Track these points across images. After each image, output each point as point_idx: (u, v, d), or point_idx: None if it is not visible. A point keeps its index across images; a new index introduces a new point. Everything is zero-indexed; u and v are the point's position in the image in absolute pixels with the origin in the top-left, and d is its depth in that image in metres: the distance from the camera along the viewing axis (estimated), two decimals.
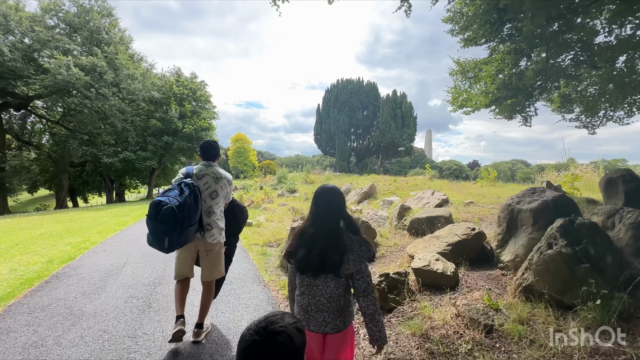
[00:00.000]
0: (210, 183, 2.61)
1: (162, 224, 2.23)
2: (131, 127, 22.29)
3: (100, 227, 9.00)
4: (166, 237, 2.27)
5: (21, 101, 22.39)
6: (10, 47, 18.06)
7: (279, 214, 11.00)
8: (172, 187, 2.45)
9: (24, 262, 5.09)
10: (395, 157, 30.07)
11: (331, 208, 1.54)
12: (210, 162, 2.72)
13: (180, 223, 2.26)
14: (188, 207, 2.31)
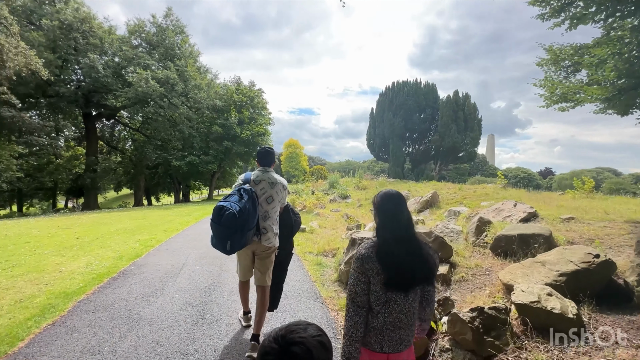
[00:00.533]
0: (266, 188, 2.68)
1: (224, 228, 2.35)
2: (196, 133, 24.17)
3: (166, 225, 9.58)
4: (228, 240, 2.39)
5: (110, 112, 25.85)
6: (103, 65, 20.90)
7: (332, 220, 10.58)
8: (233, 193, 2.54)
9: (99, 257, 5.44)
10: (455, 163, 27.73)
11: (405, 215, 1.43)
12: (266, 168, 2.79)
13: (240, 227, 2.36)
14: (247, 212, 2.39)
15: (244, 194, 2.50)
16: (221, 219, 2.33)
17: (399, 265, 1.34)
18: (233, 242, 2.41)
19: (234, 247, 2.45)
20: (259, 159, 2.84)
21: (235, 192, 2.54)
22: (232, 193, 2.56)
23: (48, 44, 19.51)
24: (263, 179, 2.71)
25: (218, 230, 2.41)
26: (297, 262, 5.40)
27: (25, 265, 4.97)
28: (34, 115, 20.37)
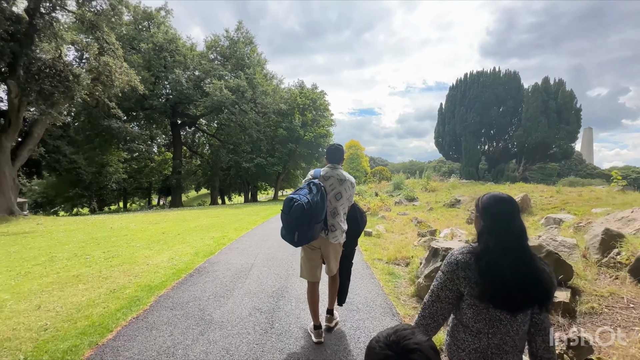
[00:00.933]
0: (335, 185, 2.72)
1: (293, 219, 2.41)
2: (263, 136, 25.54)
3: (236, 224, 10.09)
4: (296, 231, 2.45)
5: (192, 120, 29.03)
6: (186, 79, 23.50)
7: (400, 224, 9.85)
8: (303, 187, 2.60)
9: (179, 252, 5.83)
10: (544, 162, 23.83)
11: (517, 222, 1.21)
12: (335, 165, 2.83)
13: (308, 219, 2.40)
14: (315, 205, 2.43)
15: (313, 187, 2.54)
16: (290, 210, 2.41)
17: (505, 279, 1.16)
18: (301, 234, 2.46)
19: (302, 239, 2.48)
20: (329, 156, 2.88)
21: (305, 186, 2.60)
22: (302, 187, 2.61)
23: (144, 64, 22.76)
24: (332, 175, 2.74)
25: (287, 220, 2.48)
26: (366, 269, 4.98)
27: (121, 256, 5.57)
28: (134, 125, 23.96)
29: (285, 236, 2.57)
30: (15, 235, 8.21)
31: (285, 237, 2.57)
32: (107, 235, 7.98)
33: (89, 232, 8.53)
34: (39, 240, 7.33)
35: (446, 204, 12.79)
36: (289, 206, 2.44)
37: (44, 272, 4.63)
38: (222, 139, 29.31)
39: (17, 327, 2.84)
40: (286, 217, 2.47)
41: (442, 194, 15.89)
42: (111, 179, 29.15)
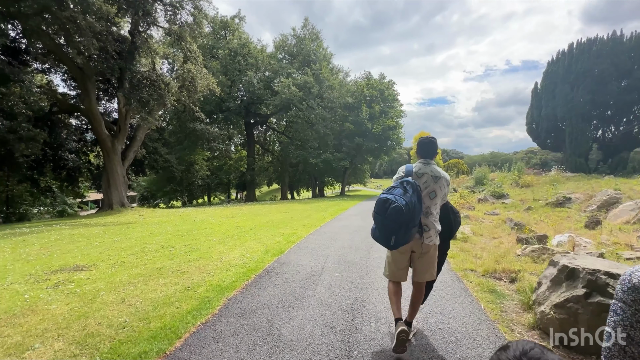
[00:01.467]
0: (429, 182, 2.53)
1: (390, 222, 2.26)
2: (330, 131, 25.39)
3: (305, 220, 9.94)
4: (393, 235, 2.31)
5: (263, 119, 30.61)
6: (257, 80, 24.70)
7: (489, 226, 8.41)
8: (395, 186, 2.42)
9: (250, 249, 5.79)
10: None
11: None
12: (428, 160, 2.62)
13: (406, 223, 2.26)
14: (413, 207, 2.27)
15: (408, 187, 2.35)
16: (386, 212, 2.26)
17: None
18: (398, 238, 2.32)
19: (398, 242, 2.35)
20: (421, 150, 2.66)
21: (398, 184, 2.41)
22: (394, 185, 2.44)
23: (222, 70, 24.69)
24: (426, 172, 2.54)
25: (383, 223, 2.33)
26: (456, 282, 4.11)
27: (199, 250, 5.77)
28: (215, 127, 26.27)
29: (379, 239, 2.44)
30: (120, 226, 9.50)
31: (379, 239, 2.44)
32: (190, 228, 8.60)
33: (175, 225, 9.36)
34: (137, 231, 8.27)
35: (550, 202, 10.56)
36: (383, 208, 2.28)
37: (134, 262, 5.00)
38: (290, 135, 30.23)
39: (101, 322, 2.91)
40: (381, 219, 2.32)
41: (542, 190, 13.31)
42: (197, 176, 32.87)
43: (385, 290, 3.43)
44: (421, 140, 2.67)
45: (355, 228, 8.32)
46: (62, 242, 6.97)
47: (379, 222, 2.36)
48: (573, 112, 18.45)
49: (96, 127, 14.93)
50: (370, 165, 37.56)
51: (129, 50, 14.19)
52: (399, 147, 28.58)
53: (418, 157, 2.68)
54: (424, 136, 2.76)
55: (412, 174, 2.50)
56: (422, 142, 2.65)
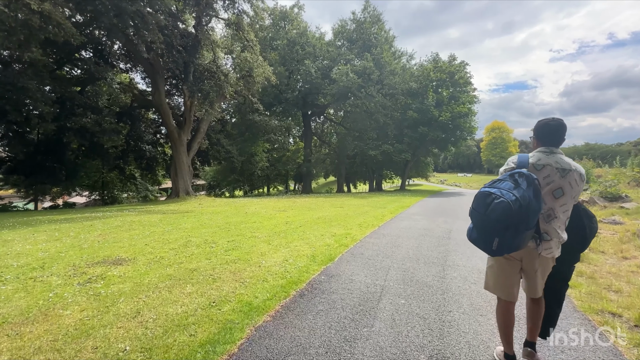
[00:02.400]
0: (553, 177, 1.94)
1: (494, 221, 1.79)
2: (390, 121, 23.51)
3: (360, 218, 8.85)
4: (496, 237, 1.82)
5: (320, 110, 30.00)
6: (315, 69, 24.00)
7: (613, 240, 6.31)
8: (502, 178, 1.92)
9: (296, 252, 4.98)
10: None
11: None
12: (552, 148, 2.02)
13: (515, 223, 1.75)
14: (527, 205, 1.73)
15: (521, 180, 1.83)
16: (487, 209, 1.81)
17: None
18: (503, 241, 1.80)
19: (503, 247, 1.83)
20: (541, 135, 2.06)
21: (507, 177, 1.90)
22: (500, 178, 1.93)
23: (280, 60, 24.60)
24: (548, 163, 1.96)
25: (483, 222, 1.86)
26: (597, 339, 2.63)
27: (241, 249, 5.17)
28: (274, 119, 26.50)
29: (477, 241, 1.99)
30: (178, 214, 9.68)
31: (477, 241, 1.99)
32: (240, 220, 8.24)
33: (227, 216, 9.16)
34: (190, 221, 8.21)
35: None
36: (484, 203, 1.85)
37: (172, 259, 4.58)
38: (348, 126, 29.10)
39: (99, 346, 2.33)
40: (481, 217, 1.88)
41: None
42: (257, 167, 34.07)
43: (480, 335, 2.55)
44: (542, 122, 2.08)
45: (421, 231, 6.95)
46: (121, 229, 7.13)
47: (478, 220, 1.93)
48: None
49: (165, 120, 15.90)
50: (434, 157, 34.28)
51: (192, 44, 14.63)
52: (470, 138, 25.22)
53: (536, 145, 2.12)
54: (548, 117, 2.10)
55: (527, 166, 1.98)
56: (545, 125, 2.05)
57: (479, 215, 1.89)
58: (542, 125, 2.06)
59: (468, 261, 4.73)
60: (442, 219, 8.77)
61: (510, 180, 1.85)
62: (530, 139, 2.21)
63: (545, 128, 2.04)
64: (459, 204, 13.73)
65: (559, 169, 1.94)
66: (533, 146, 2.16)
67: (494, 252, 1.91)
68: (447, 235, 6.59)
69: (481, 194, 1.90)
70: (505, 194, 1.77)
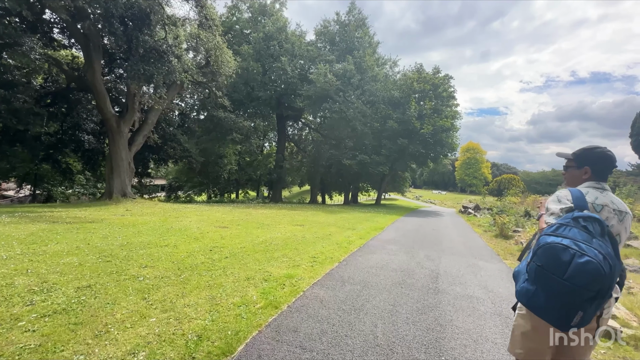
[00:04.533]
0: (611, 221, 1.53)
1: (579, 289, 1.30)
2: (369, 130, 21.82)
3: (319, 245, 6.65)
4: (580, 311, 1.34)
5: (296, 113, 27.95)
6: (292, 68, 21.98)
7: None
8: (565, 224, 1.45)
9: (190, 316, 2.70)
10: None
11: None
12: (603, 184, 1.64)
13: (604, 292, 1.32)
14: (614, 266, 1.33)
15: (594, 228, 1.39)
16: (567, 271, 1.32)
17: None
18: (586, 315, 1.35)
19: (584, 322, 1.37)
20: (595, 166, 1.65)
21: (571, 222, 1.43)
22: (564, 223, 1.44)
23: (255, 56, 22.39)
24: (605, 203, 1.56)
25: (561, 289, 1.34)
26: None
27: (79, 314, 2.82)
28: (243, 118, 23.93)
29: (546, 311, 1.41)
30: (73, 225, 7.01)
31: (545, 312, 1.41)
32: (147, 242, 5.80)
33: (138, 232, 6.66)
34: (67, 240, 5.64)
35: None
36: (564, 262, 1.33)
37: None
38: (324, 133, 27.23)
39: None
40: (557, 282, 1.35)
41: None
42: (224, 170, 31.19)
43: None
44: (598, 151, 1.65)
45: (397, 275, 4.87)
46: None
47: (552, 285, 1.37)
48: None
49: (100, 104, 13.10)
50: (412, 173, 33.12)
51: (139, 15, 12.10)
52: (452, 154, 24.10)
53: (582, 177, 1.68)
54: (601, 147, 1.67)
55: (587, 206, 1.50)
56: (599, 154, 1.64)
57: (554, 279, 1.35)
58: (601, 154, 1.64)
59: (477, 347, 2.69)
60: (423, 252, 6.80)
61: (579, 228, 1.38)
62: (567, 168, 1.76)
63: (607, 160, 1.63)
64: (440, 227, 11.97)
65: (616, 210, 1.55)
66: (573, 178, 1.72)
67: (569, 328, 1.38)
68: (434, 284, 4.56)
69: (552, 248, 1.37)
70: (587, 249, 1.30)
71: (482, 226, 13.68)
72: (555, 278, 1.36)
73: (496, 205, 16.44)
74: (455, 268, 5.57)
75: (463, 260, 6.31)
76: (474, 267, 5.79)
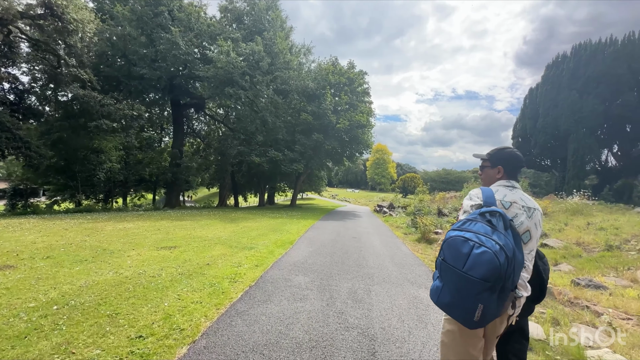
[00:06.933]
0: (520, 217, 1.56)
1: (476, 281, 1.30)
2: (281, 122, 19.36)
3: (176, 293, 3.76)
4: (480, 304, 1.31)
5: (198, 101, 23.48)
6: (186, 42, 17.82)
7: None
8: (472, 219, 1.46)
9: None
10: None
11: None
12: (513, 182, 1.69)
13: (502, 283, 1.31)
14: (512, 257, 1.33)
15: (497, 222, 1.42)
16: (466, 262, 1.33)
17: None
18: (488, 308, 1.31)
19: (487, 317, 1.33)
20: (506, 165, 1.71)
21: (477, 216, 1.46)
22: (471, 218, 1.47)
23: (135, 22, 17.37)
24: (514, 200, 1.59)
25: (461, 281, 1.34)
26: None
27: None
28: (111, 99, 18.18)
29: (452, 308, 1.42)
30: None
31: (451, 309, 1.42)
32: None
33: None
34: None
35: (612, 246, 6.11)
36: (463, 254, 1.35)
37: None
38: (232, 126, 23.66)
39: None
40: (458, 275, 1.35)
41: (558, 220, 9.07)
42: (100, 168, 24.22)
43: None
44: (512, 152, 1.72)
45: (307, 356, 2.45)
46: None
47: (454, 278, 1.37)
48: (581, 124, 15.16)
49: None
50: (328, 172, 32.26)
51: None
52: (367, 151, 23.68)
53: (496, 176, 1.72)
54: (507, 146, 1.78)
55: (495, 203, 1.54)
56: (509, 154, 1.71)
57: (455, 272, 1.37)
58: (511, 155, 1.72)
59: None
60: (346, 284, 4.64)
61: (484, 222, 1.42)
62: (483, 168, 1.80)
63: (515, 160, 1.71)
64: (361, 234, 10.32)
65: (524, 207, 1.59)
66: (488, 177, 1.75)
67: (475, 325, 1.36)
68: None
69: (454, 241, 1.41)
70: (486, 240, 1.33)
71: (400, 227, 12.77)
72: (456, 271, 1.36)
73: (411, 205, 16.16)
74: (396, 315, 3.53)
75: (399, 291, 4.39)
76: (415, 303, 3.91)
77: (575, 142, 15.35)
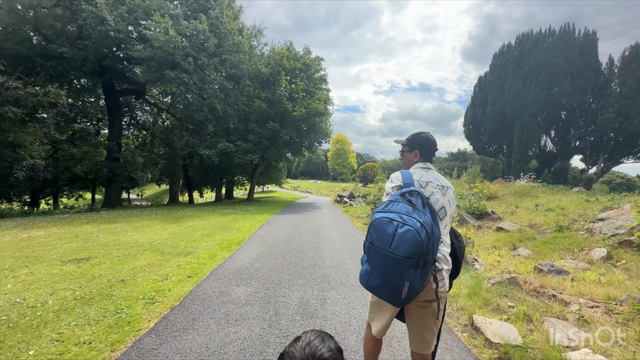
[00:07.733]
0: (436, 195, 1.65)
1: (402, 259, 1.33)
2: (232, 110, 17.85)
3: (63, 329, 2.70)
4: (406, 281, 1.34)
5: (137, 87, 20.85)
6: (115, 17, 15.42)
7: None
8: (394, 200, 1.52)
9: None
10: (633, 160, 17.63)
11: None
12: (428, 164, 1.80)
13: (424, 258, 1.36)
14: (431, 232, 1.39)
15: (417, 201, 1.48)
16: (392, 242, 1.34)
17: None
18: (413, 285, 1.35)
19: (412, 292, 1.37)
20: (424, 149, 1.81)
21: (398, 197, 1.52)
22: (393, 200, 1.52)
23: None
24: (430, 180, 1.68)
25: (387, 262, 1.37)
26: None
27: None
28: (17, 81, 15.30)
29: (381, 289, 1.43)
30: None
31: (380, 290, 1.44)
32: None
33: None
34: None
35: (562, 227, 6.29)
36: (389, 235, 1.36)
37: None
38: (178, 116, 21.50)
39: None
40: (384, 255, 1.37)
41: (508, 202, 9.37)
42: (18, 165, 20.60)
43: None
44: (420, 135, 1.84)
45: None
46: None
47: (380, 259, 1.40)
48: (525, 112, 16.06)
49: None
50: (288, 163, 31.23)
51: None
52: (326, 141, 23.07)
53: (413, 160, 1.81)
54: (423, 131, 1.89)
55: (413, 183, 1.63)
56: (422, 138, 1.82)
57: (382, 253, 1.38)
58: (425, 139, 1.82)
59: None
60: (296, 294, 3.90)
61: (404, 202, 1.47)
62: (402, 152, 1.89)
63: (429, 143, 1.81)
64: (320, 227, 9.67)
65: (439, 186, 1.68)
66: (407, 161, 1.84)
67: (403, 302, 1.41)
68: None
69: (380, 222, 1.42)
70: (408, 219, 1.37)
71: (360, 217, 12.41)
72: (383, 252, 1.37)
73: (371, 193, 15.95)
74: (354, 332, 2.87)
75: (359, 296, 3.77)
76: None
77: (519, 128, 16.28)
